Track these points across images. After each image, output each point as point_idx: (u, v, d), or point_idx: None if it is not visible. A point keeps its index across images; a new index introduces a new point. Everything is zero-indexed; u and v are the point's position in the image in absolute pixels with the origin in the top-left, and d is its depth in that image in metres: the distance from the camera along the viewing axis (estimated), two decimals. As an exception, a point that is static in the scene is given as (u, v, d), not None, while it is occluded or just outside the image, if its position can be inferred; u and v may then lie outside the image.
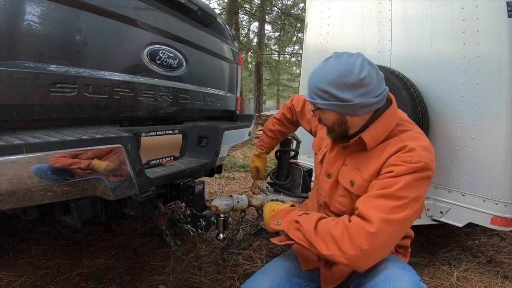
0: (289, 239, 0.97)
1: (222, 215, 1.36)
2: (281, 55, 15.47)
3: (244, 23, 13.99)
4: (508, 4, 1.61)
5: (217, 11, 9.36)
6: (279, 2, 12.54)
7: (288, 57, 15.57)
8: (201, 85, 1.73)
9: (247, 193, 1.43)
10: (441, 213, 1.88)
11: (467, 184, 1.78)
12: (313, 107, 0.99)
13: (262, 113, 10.64)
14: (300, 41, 13.04)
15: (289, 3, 12.55)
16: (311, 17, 2.89)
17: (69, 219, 1.15)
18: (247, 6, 11.35)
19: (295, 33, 13.11)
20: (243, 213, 1.53)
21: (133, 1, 1.25)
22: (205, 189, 1.76)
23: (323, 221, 0.91)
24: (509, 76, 1.61)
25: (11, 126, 0.91)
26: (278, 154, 1.64)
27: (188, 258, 1.57)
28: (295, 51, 15.31)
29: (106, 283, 1.63)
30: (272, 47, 15.85)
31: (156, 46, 1.37)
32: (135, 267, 1.79)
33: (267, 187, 1.65)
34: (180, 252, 1.46)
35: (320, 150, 1.19)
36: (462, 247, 2.19)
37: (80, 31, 1.04)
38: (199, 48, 1.69)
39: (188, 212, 1.43)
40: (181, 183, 1.45)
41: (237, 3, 9.68)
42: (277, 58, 15.03)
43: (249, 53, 13.93)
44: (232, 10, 9.25)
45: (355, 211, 0.90)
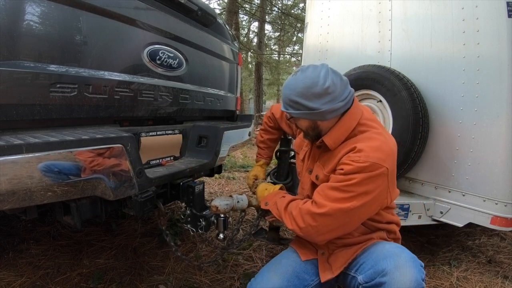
0: (273, 217, 1.21)
1: (222, 215, 1.36)
2: (281, 55, 15.46)
3: (244, 23, 13.98)
4: (508, 4, 1.61)
5: (217, 11, 9.36)
6: (279, 2, 12.53)
7: (288, 57, 15.56)
8: (201, 85, 1.73)
9: (247, 193, 1.43)
10: (441, 213, 1.88)
11: (467, 184, 1.78)
12: (288, 116, 1.12)
13: (262, 113, 10.64)
14: (300, 41, 13.03)
15: (289, 3, 12.54)
16: (311, 17, 2.89)
17: (69, 219, 1.15)
18: (247, 6, 11.35)
19: (295, 33, 13.10)
20: (243, 213, 1.53)
21: (133, 1, 1.25)
22: (205, 189, 1.76)
23: (291, 203, 1.12)
24: (509, 76, 1.61)
25: (11, 126, 0.91)
26: (278, 154, 1.64)
27: (188, 258, 1.57)
28: (295, 51, 15.31)
29: (106, 283, 1.63)
30: (272, 47, 15.84)
31: (156, 46, 1.37)
32: (135, 267, 1.79)
33: (267, 187, 1.65)
34: (180, 252, 1.46)
35: (301, 149, 1.30)
36: (462, 247, 2.19)
37: (80, 31, 1.04)
38: (199, 48, 1.69)
39: (188, 212, 1.43)
40: (181, 183, 1.45)
41: (237, 3, 9.68)
42: (277, 58, 15.01)
43: (249, 53, 13.92)
44: (232, 10, 9.25)
45: None
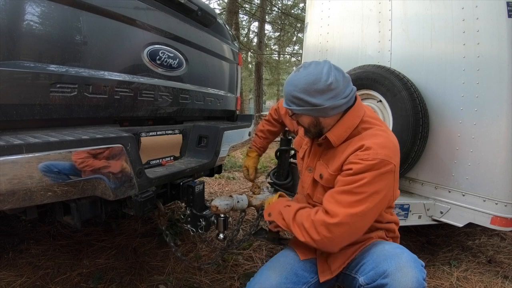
0: (278, 226, 1.16)
1: (222, 215, 1.36)
2: (281, 55, 15.46)
3: (244, 23, 13.97)
4: (508, 4, 1.61)
5: (217, 11, 9.36)
6: (279, 2, 12.53)
7: (288, 57, 15.57)
8: (201, 85, 1.73)
9: (247, 193, 1.43)
10: (441, 213, 1.88)
11: (467, 184, 1.78)
12: (290, 112, 1.09)
13: (262, 113, 10.63)
14: (300, 41, 13.03)
15: (289, 3, 12.54)
16: (311, 17, 2.89)
17: (69, 219, 1.15)
18: (247, 6, 11.35)
19: (295, 33, 13.10)
20: (243, 213, 1.53)
21: (133, 1, 1.25)
22: (205, 189, 1.76)
23: (299, 212, 1.07)
24: (509, 76, 1.61)
25: (11, 126, 0.91)
26: (278, 153, 1.64)
27: (188, 259, 1.57)
28: (295, 51, 15.30)
29: (106, 283, 1.63)
30: (272, 47, 15.83)
31: (156, 46, 1.37)
32: (135, 267, 1.79)
33: (267, 187, 1.65)
34: (180, 252, 1.46)
35: (301, 147, 1.29)
36: (462, 247, 2.19)
37: (80, 31, 1.04)
38: (199, 48, 1.69)
39: (188, 212, 1.43)
40: (181, 183, 1.45)
41: (237, 3, 9.67)
42: (277, 58, 15.01)
43: (249, 53, 13.92)
44: (232, 10, 9.24)
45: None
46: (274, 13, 12.47)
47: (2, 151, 0.73)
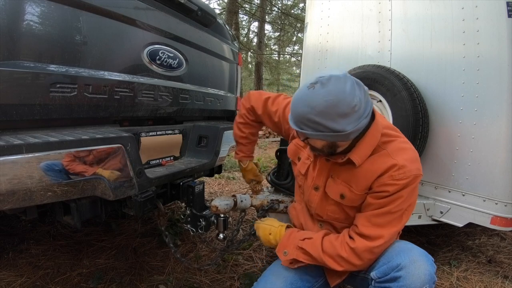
0: (298, 262, 1.06)
1: (222, 215, 1.36)
2: (281, 55, 15.46)
3: (244, 23, 13.97)
4: (508, 4, 1.61)
5: (217, 11, 9.36)
6: (279, 2, 12.54)
7: (288, 57, 15.57)
8: (201, 85, 1.73)
9: (248, 193, 1.43)
10: (441, 213, 1.88)
11: (467, 184, 1.78)
12: (302, 137, 0.93)
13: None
14: (300, 41, 13.03)
15: (289, 3, 12.55)
16: (311, 17, 2.89)
17: (69, 219, 1.15)
18: (247, 6, 11.35)
19: (295, 33, 13.10)
20: (243, 213, 1.53)
21: (133, 1, 1.25)
22: (205, 189, 1.76)
23: (325, 244, 1.02)
24: (509, 76, 1.61)
25: (11, 126, 0.91)
26: (278, 153, 1.64)
27: (187, 259, 1.56)
28: (295, 51, 15.30)
29: (106, 283, 1.63)
30: (272, 47, 15.83)
31: (156, 46, 1.37)
32: (135, 267, 1.79)
33: (267, 187, 1.65)
34: (179, 253, 1.46)
35: (299, 160, 1.18)
36: (462, 247, 2.19)
37: (80, 31, 1.04)
38: (199, 48, 1.69)
39: (188, 212, 1.43)
40: (181, 183, 1.45)
41: (237, 3, 9.67)
42: (277, 58, 15.01)
43: (249, 53, 13.92)
44: (232, 10, 9.24)
45: (353, 227, 1.01)
46: (274, 13, 12.48)
47: (2, 151, 0.73)
